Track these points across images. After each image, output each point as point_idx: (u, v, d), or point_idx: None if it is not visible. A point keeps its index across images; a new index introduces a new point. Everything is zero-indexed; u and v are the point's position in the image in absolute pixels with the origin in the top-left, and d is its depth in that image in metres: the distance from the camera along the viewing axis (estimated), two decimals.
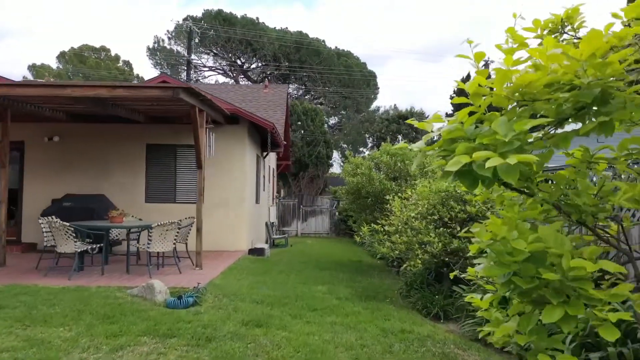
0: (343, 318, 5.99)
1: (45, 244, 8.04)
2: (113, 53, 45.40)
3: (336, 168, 35.72)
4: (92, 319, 5.25)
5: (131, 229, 8.37)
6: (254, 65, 39.02)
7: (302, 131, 27.05)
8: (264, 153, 14.33)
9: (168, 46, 39.37)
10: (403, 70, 65.30)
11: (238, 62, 38.56)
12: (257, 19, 37.97)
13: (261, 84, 23.52)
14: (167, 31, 39.83)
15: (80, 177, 11.38)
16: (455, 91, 32.35)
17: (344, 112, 38.92)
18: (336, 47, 38.89)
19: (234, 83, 35.47)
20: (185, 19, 36.90)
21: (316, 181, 26.24)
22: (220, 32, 35.75)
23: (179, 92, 7.06)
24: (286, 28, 38.50)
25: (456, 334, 5.88)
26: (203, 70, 39.30)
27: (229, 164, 11.48)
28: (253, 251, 11.76)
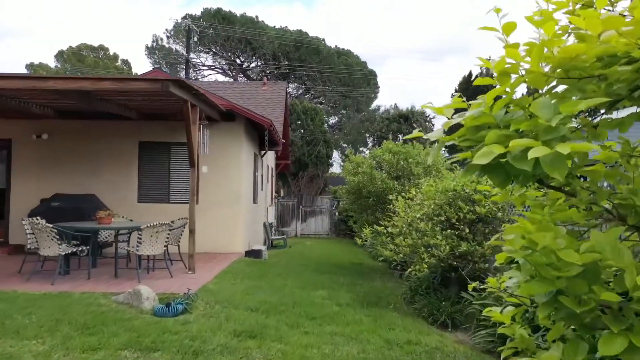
0: (344, 327, 5.56)
1: (29, 247, 7.59)
2: (112, 52, 45.09)
3: (336, 168, 35.38)
4: (70, 330, 4.81)
5: (119, 231, 7.93)
6: (253, 64, 38.63)
7: (302, 130, 26.65)
8: (262, 151, 13.88)
9: (167, 45, 38.97)
10: (403, 70, 64.98)
11: (237, 61, 38.15)
12: (257, 18, 37.58)
13: (259, 82, 23.09)
14: (166, 30, 39.44)
15: (70, 176, 10.92)
16: (456, 89, 31.95)
17: (344, 112, 38.49)
18: (336, 46, 38.48)
19: (233, 81, 35.06)
20: (184, 18, 36.54)
21: (316, 181, 25.82)
22: (219, 31, 35.34)
23: (169, 85, 6.60)
24: (286, 27, 38.12)
25: (467, 345, 5.43)
26: (202, 69, 38.94)
27: (225, 163, 11.02)
28: (250, 253, 11.32)
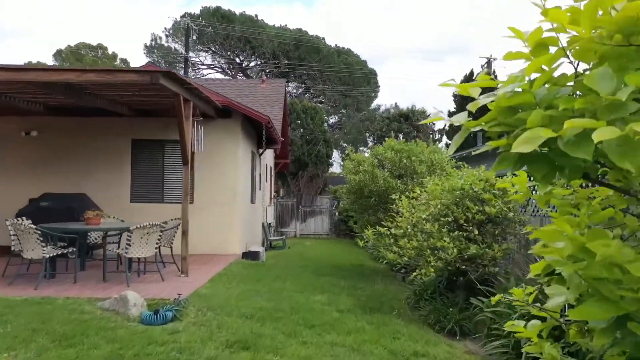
0: (345, 337, 5.16)
1: (12, 249, 7.19)
2: (110, 51, 44.62)
3: (336, 168, 35.03)
4: (47, 341, 4.41)
5: (108, 232, 7.53)
6: (253, 63, 38.27)
7: (302, 130, 26.29)
8: (260, 150, 13.49)
9: (166, 44, 38.59)
10: (403, 69, 64.61)
11: (237, 60, 37.77)
12: (256, 16, 37.23)
13: (258, 79, 22.70)
14: (165, 28, 39.09)
15: (59, 175, 10.52)
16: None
17: (344, 111, 38.12)
18: (336, 45, 38.10)
19: (230, 79, 34.67)
20: (183, 16, 36.15)
21: (316, 180, 25.44)
22: (218, 30, 34.96)
23: (159, 77, 6.20)
24: (285, 25, 37.77)
25: (478, 356, 5.04)
26: (201, 68, 38.58)
27: (221, 161, 10.63)
28: (247, 255, 10.92)
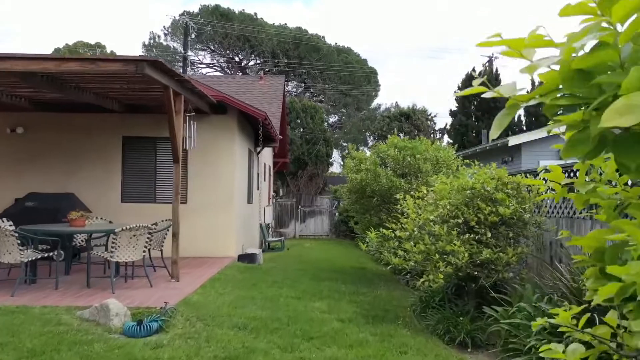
0: (347, 351, 4.68)
1: None
2: (108, 50, 44.06)
3: (336, 167, 34.57)
4: (12, 358, 3.93)
5: (92, 234, 7.05)
6: (252, 61, 37.82)
7: (302, 129, 25.83)
8: (257, 148, 13.01)
9: (164, 42, 38.13)
10: (403, 69, 64.14)
11: (236, 59, 37.31)
12: (255, 15, 36.78)
13: (256, 76, 22.22)
14: (163, 27, 38.70)
15: (46, 174, 10.03)
16: (459, 87, 31.07)
17: (344, 110, 37.65)
18: (336, 44, 37.65)
19: (227, 75, 34.22)
20: (181, 15, 35.73)
21: (315, 180, 24.95)
22: (217, 28, 34.54)
23: (144, 67, 5.71)
24: (285, 24, 37.31)
25: None
26: (200, 67, 38.11)
27: (216, 159, 10.14)
28: (243, 257, 10.44)
